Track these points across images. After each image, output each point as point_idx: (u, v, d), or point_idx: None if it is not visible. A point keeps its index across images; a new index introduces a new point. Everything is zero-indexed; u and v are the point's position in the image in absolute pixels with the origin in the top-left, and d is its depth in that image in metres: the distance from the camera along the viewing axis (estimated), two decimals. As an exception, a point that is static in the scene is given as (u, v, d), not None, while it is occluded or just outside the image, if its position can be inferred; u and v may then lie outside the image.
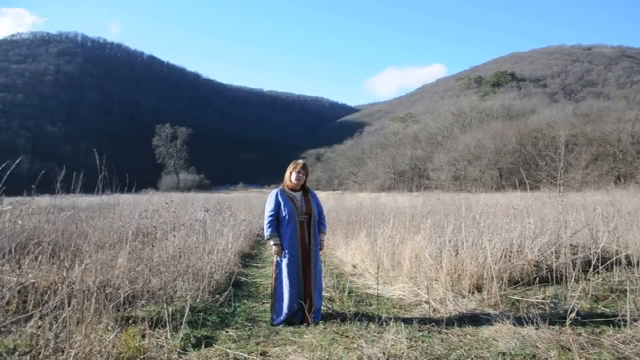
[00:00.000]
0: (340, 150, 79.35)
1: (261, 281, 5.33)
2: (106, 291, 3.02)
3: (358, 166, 64.25)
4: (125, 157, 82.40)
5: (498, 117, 51.79)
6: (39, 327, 2.42)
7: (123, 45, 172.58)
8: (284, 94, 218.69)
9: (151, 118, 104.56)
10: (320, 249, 3.63)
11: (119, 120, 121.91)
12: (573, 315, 2.68)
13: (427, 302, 3.85)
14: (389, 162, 54.73)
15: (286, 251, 3.45)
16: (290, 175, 3.57)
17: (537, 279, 4.18)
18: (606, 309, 3.53)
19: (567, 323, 2.66)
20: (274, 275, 3.53)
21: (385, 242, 5.58)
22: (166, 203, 8.27)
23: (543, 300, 3.67)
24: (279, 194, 3.55)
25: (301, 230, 3.50)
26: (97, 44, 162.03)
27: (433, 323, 3.35)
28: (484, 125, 48.74)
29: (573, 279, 3.90)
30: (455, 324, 3.29)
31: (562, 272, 4.18)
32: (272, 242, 3.49)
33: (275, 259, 3.53)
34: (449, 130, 55.75)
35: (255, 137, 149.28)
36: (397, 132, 67.04)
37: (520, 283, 4.17)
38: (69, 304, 2.36)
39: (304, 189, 3.64)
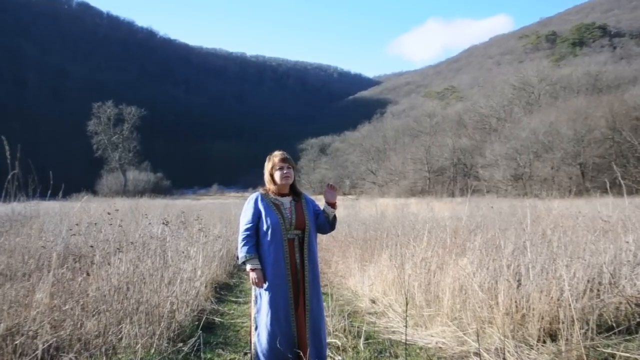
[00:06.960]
0: (353, 139, 79.81)
1: (242, 322, 5.35)
2: (16, 342, 3.00)
3: (378, 161, 64.57)
4: (48, 147, 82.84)
5: (580, 90, 51.71)
6: None
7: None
8: (275, 60, 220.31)
9: (85, 92, 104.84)
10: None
11: (36, 94, 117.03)
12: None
13: (476, 354, 3.85)
14: (422, 156, 54.80)
15: (269, 281, 3.40)
16: (273, 176, 3.52)
17: (640, 323, 4.13)
18: None
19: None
20: (254, 316, 3.49)
21: (417, 268, 5.59)
22: (108, 213, 8.33)
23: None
24: (259, 199, 3.52)
25: (290, 250, 3.44)
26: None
27: (487, 385, 3.33)
28: (559, 102, 48.65)
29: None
30: (519, 387, 3.26)
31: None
32: (248, 267, 3.41)
33: (254, 292, 3.48)
34: (507, 111, 55.78)
35: (235, 121, 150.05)
36: (433, 114, 67.22)
37: (616, 330, 4.10)
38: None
39: (294, 192, 3.61)
